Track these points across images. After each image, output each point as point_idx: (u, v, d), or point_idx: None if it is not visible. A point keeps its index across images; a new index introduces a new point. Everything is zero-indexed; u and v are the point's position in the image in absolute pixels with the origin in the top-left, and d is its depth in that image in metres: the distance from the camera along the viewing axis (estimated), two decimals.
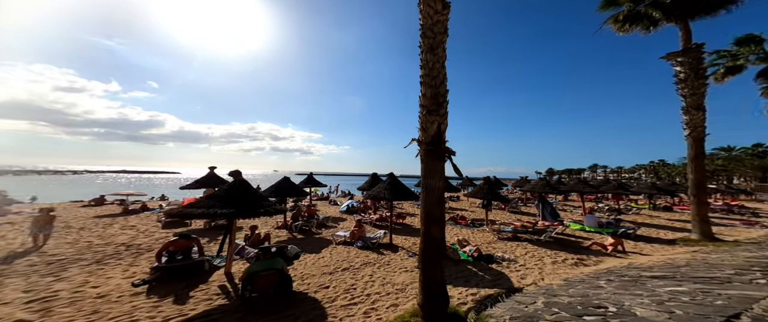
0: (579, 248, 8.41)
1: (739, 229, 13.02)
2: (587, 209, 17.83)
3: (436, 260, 3.68)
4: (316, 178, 16.04)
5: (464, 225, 11.80)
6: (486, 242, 8.82)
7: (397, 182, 8.65)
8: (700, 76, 9.18)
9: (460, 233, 10.25)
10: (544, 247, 8.35)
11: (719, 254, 6.31)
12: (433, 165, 3.73)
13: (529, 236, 9.14)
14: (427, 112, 3.74)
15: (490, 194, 11.18)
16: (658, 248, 8.93)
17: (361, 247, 7.59)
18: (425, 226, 3.75)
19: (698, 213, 9.31)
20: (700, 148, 9.34)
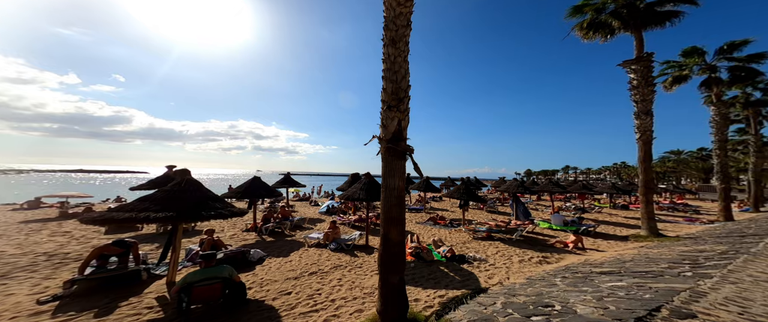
0: (544, 246, 8.85)
1: (681, 225, 14.42)
2: (555, 207, 18.93)
3: (395, 264, 3.59)
4: (300, 178, 15.67)
5: (443, 225, 11.99)
6: (461, 242, 9.00)
7: (374, 182, 8.51)
8: (649, 83, 10.03)
9: (437, 233, 10.39)
10: (514, 246, 8.68)
11: (660, 249, 6.90)
12: (393, 163, 3.61)
13: (501, 235, 9.47)
14: (387, 108, 3.62)
15: (467, 195, 11.46)
16: (612, 244, 9.62)
17: (334, 249, 7.42)
18: (384, 228, 3.64)
19: (646, 211, 10.17)
20: (648, 150, 10.20)
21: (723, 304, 2.72)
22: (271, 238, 8.79)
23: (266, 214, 9.67)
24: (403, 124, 3.63)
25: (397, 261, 3.60)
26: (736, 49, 15.10)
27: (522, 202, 14.05)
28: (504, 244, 8.88)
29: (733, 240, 7.19)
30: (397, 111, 3.60)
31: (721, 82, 15.65)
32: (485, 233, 9.74)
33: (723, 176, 15.31)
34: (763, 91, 20.04)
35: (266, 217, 9.53)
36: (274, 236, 9.09)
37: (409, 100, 3.78)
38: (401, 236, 3.64)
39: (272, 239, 8.70)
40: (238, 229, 9.88)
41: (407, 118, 3.73)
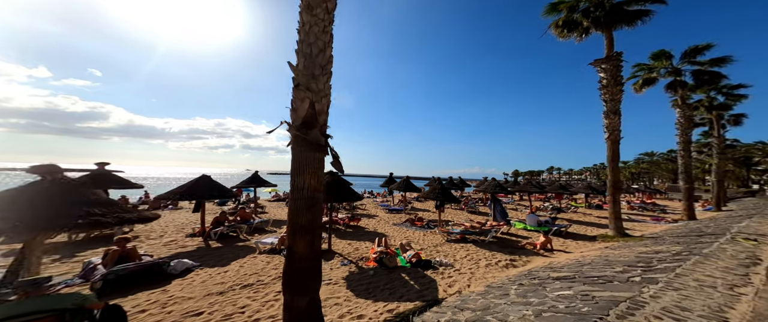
0: (515, 248, 8.70)
1: (648, 225, 14.86)
2: (533, 208, 19.14)
3: (303, 282, 3.00)
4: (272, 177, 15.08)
5: (420, 227, 11.69)
6: (433, 245, 8.68)
7: (340, 182, 8.04)
8: (618, 82, 10.13)
9: (412, 235, 10.05)
10: (485, 248, 8.47)
11: (622, 250, 6.83)
12: (303, 156, 3.00)
13: (475, 237, 9.25)
14: (296, 86, 3.02)
15: (442, 195, 11.20)
16: (581, 244, 9.62)
17: None
18: (289, 239, 3.04)
19: (613, 211, 10.27)
20: (616, 150, 10.30)
21: (659, 317, 2.47)
22: (219, 244, 8.00)
23: (219, 216, 8.85)
24: (318, 108, 3.02)
25: (307, 279, 3.04)
26: (699, 53, 15.72)
27: (500, 202, 14.01)
28: (476, 246, 8.64)
29: (690, 240, 7.24)
30: (311, 91, 2.98)
31: (685, 85, 16.26)
32: (459, 235, 9.51)
33: (686, 177, 15.91)
34: (726, 95, 21.13)
35: (218, 220, 8.70)
36: (226, 241, 8.32)
37: (328, 80, 3.19)
38: (311, 249, 3.05)
39: (220, 244, 7.93)
40: (185, 233, 8.97)
41: (325, 101, 3.13)
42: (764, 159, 40.30)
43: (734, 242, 6.22)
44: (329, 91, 3.19)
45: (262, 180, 13.64)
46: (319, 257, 3.24)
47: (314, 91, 3.05)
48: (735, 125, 25.21)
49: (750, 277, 3.78)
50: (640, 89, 17.62)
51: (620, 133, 10.23)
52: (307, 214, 3.04)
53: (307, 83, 3.05)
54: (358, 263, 6.61)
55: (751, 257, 4.99)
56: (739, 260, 4.72)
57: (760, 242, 6.22)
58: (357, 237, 9.44)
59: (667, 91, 17.00)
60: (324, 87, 3.14)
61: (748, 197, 30.14)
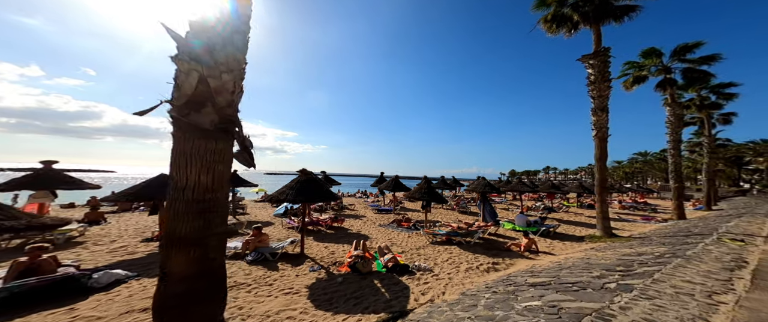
0: (501, 250, 8.40)
1: (638, 224, 14.70)
2: (524, 208, 18.93)
3: (183, 315, 2.34)
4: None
5: (406, 228, 11.35)
6: (416, 248, 8.33)
7: (314, 182, 7.61)
8: (605, 78, 9.90)
9: (397, 237, 9.69)
10: (469, 250, 8.14)
11: (606, 252, 6.56)
12: (187, 144, 2.36)
13: (460, 238, 8.94)
14: (176, 56, 2.32)
15: (428, 195, 10.86)
16: (568, 245, 9.36)
17: (251, 261, 6.35)
18: (162, 255, 2.40)
19: (601, 211, 10.04)
20: (604, 148, 10.07)
21: None
22: None
23: None
24: (216, 85, 2.33)
25: (188, 306, 2.37)
26: (689, 50, 15.61)
27: (489, 202, 13.78)
28: (460, 248, 8.31)
29: (676, 240, 7.02)
30: (196, 61, 2.28)
31: (674, 83, 16.15)
32: (445, 237, 9.20)
33: (676, 176, 15.80)
34: (717, 94, 21.13)
35: None
36: None
37: (239, 53, 2.54)
38: (200, 267, 2.41)
39: None
40: (141, 238, 8.13)
41: (231, 78, 2.44)
42: (755, 159, 40.68)
43: (720, 243, 5.99)
44: (239, 66, 2.60)
45: (242, 180, 13.17)
46: (214, 276, 2.62)
47: (209, 64, 2.41)
48: (725, 124, 25.31)
49: (733, 282, 3.51)
50: (631, 87, 17.50)
51: (608, 131, 10.01)
52: (193, 221, 2.41)
53: (194, 55, 2.39)
54: (330, 268, 6.26)
55: (737, 259, 4.75)
56: (723, 262, 4.47)
57: (747, 243, 5.99)
58: (337, 240, 9.07)
59: (657, 89, 16.89)
60: (228, 60, 2.51)
61: (739, 196, 30.33)
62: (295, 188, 7.10)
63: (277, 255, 6.66)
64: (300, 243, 7.32)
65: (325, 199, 7.36)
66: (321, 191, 7.33)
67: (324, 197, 7.41)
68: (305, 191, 7.08)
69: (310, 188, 7.21)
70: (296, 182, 7.24)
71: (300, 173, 7.59)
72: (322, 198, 7.29)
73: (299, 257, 7.00)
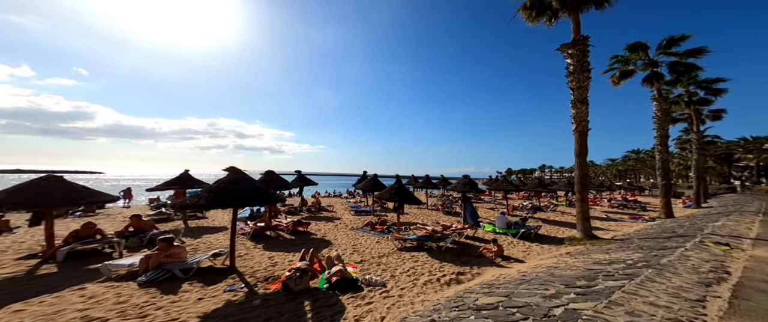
0: (472, 256, 7.67)
1: (624, 224, 14.15)
2: (510, 208, 18.32)
3: None
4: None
5: (380, 232, 10.57)
6: (379, 255, 7.51)
7: (245, 182, 6.17)
8: (585, 68, 9.28)
9: (364, 242, 8.87)
10: (437, 257, 7.37)
11: (578, 259, 5.90)
12: None
13: (431, 243, 8.19)
14: None
15: (398, 196, 10.10)
16: (545, 249, 8.70)
17: (145, 282, 5.14)
18: None
19: (581, 210, 9.41)
20: (584, 142, 9.43)
21: None
22: (56, 266, 6.05)
23: (81, 229, 6.81)
24: None
25: None
26: (675, 44, 15.14)
27: (471, 203, 13.07)
28: (428, 255, 7.52)
29: (656, 244, 6.39)
30: None
31: (661, 77, 15.66)
32: (415, 242, 8.46)
33: (664, 173, 15.29)
34: (705, 89, 20.75)
35: (79, 233, 6.65)
36: (85, 261, 6.29)
37: None
38: None
39: (57, 268, 5.94)
40: (19, 254, 6.70)
41: None
42: (744, 156, 40.71)
43: (701, 247, 5.35)
44: None
45: (194, 180, 12.17)
46: None
47: None
48: (714, 120, 24.99)
49: (707, 303, 2.83)
50: (618, 82, 17.00)
51: (588, 125, 9.39)
52: None
53: None
54: (258, 286, 5.33)
55: (717, 268, 4.09)
56: (701, 274, 3.80)
57: (733, 248, 5.37)
58: (293, 248, 8.18)
59: (644, 84, 16.38)
60: None
61: (730, 194, 30.14)
62: (216, 190, 5.70)
63: (192, 271, 5.59)
64: (230, 254, 6.14)
65: (258, 203, 6.18)
66: (254, 194, 5.98)
67: (256, 200, 6.05)
68: (229, 193, 5.65)
69: (238, 190, 5.80)
70: (219, 183, 5.94)
71: (229, 170, 6.25)
72: (254, 202, 6.10)
73: (227, 271, 5.97)
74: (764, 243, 6.01)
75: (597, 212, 18.91)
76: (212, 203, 5.42)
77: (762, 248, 5.59)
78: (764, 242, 6.05)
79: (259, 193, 6.05)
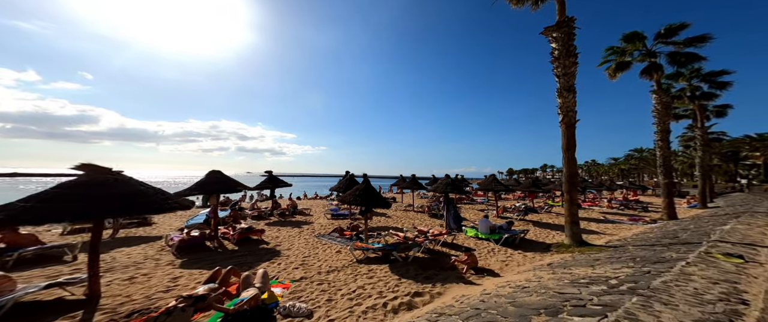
0: (441, 269, 6.53)
1: (623, 226, 12.96)
2: (500, 209, 17.17)
3: None
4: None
5: (347, 238, 9.47)
6: (330, 269, 6.32)
7: (105, 187, 4.66)
8: (570, 53, 8.24)
9: (322, 253, 7.68)
10: (399, 272, 6.23)
11: (555, 275, 4.82)
12: None
13: (397, 254, 7.07)
14: None
15: (362, 198, 9.01)
16: (528, 257, 7.61)
17: None
18: None
19: (569, 214, 8.30)
20: (572, 136, 8.35)
21: None
22: None
23: None
24: None
25: None
26: (674, 33, 14.03)
27: (454, 205, 11.98)
28: (390, 269, 6.41)
29: (653, 254, 5.30)
30: None
31: (660, 68, 14.54)
32: (379, 252, 7.35)
33: (665, 171, 14.10)
34: (709, 82, 19.55)
35: None
36: None
37: None
38: None
39: None
40: None
41: None
42: (752, 154, 39.18)
43: (707, 260, 4.26)
44: None
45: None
46: None
47: None
48: (719, 117, 23.70)
49: None
50: (614, 75, 15.89)
51: (576, 115, 8.32)
52: None
53: None
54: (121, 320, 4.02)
55: (729, 294, 3.02)
56: (706, 304, 2.73)
57: (747, 261, 4.27)
58: (229, 260, 6.81)
59: (642, 76, 15.24)
60: None
61: (737, 192, 28.71)
62: (42, 198, 4.07)
63: (2, 309, 3.93)
64: (89, 281, 4.56)
65: (120, 213, 4.86)
66: (116, 202, 4.45)
67: (118, 210, 4.54)
68: (69, 202, 4.10)
69: (105, 196, 4.37)
70: (59, 188, 4.33)
71: (80, 167, 4.64)
72: (115, 212, 4.65)
73: (83, 303, 4.44)
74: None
75: (595, 213, 17.71)
76: (66, 214, 3.96)
77: None
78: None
79: (127, 200, 4.51)
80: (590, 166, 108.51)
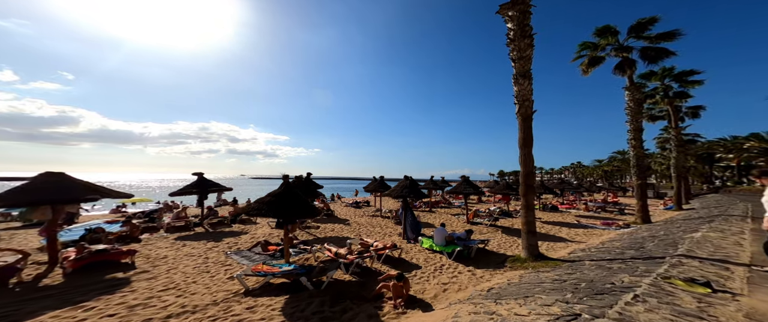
0: (360, 300, 5.07)
1: (595, 231, 12.06)
2: (470, 214, 16.06)
3: None
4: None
5: (269, 255, 7.69)
6: (183, 311, 4.60)
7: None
8: (526, 34, 7.17)
9: (198, 283, 5.74)
10: (292, 309, 4.54)
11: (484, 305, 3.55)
12: None
13: (307, 280, 5.46)
14: None
15: (277, 206, 6.42)
16: (477, 276, 6.38)
17: None
18: None
19: (526, 222, 7.15)
20: (528, 129, 7.23)
21: None
22: None
23: None
24: None
25: None
26: (645, 28, 13.42)
27: (412, 212, 10.61)
28: (286, 305, 4.74)
29: (604, 275, 4.15)
30: None
31: (633, 64, 13.88)
32: (289, 277, 5.49)
33: (639, 171, 13.35)
34: (680, 81, 19.27)
35: None
36: None
37: None
38: None
39: None
40: None
41: None
42: (726, 156, 39.94)
43: (664, 289, 3.12)
44: None
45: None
46: None
47: None
48: (693, 118, 23.63)
49: None
50: (587, 71, 15.20)
51: (532, 105, 7.24)
52: None
53: None
54: None
55: None
56: None
57: (716, 289, 3.16)
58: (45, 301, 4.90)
59: (615, 72, 14.59)
60: None
61: (712, 194, 28.80)
62: None
63: None
64: None
65: None
66: None
67: None
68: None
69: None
70: None
71: None
72: None
73: None
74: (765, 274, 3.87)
75: (570, 217, 16.89)
76: None
77: (765, 283, 3.43)
78: (764, 273, 3.91)
79: None
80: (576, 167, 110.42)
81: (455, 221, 15.00)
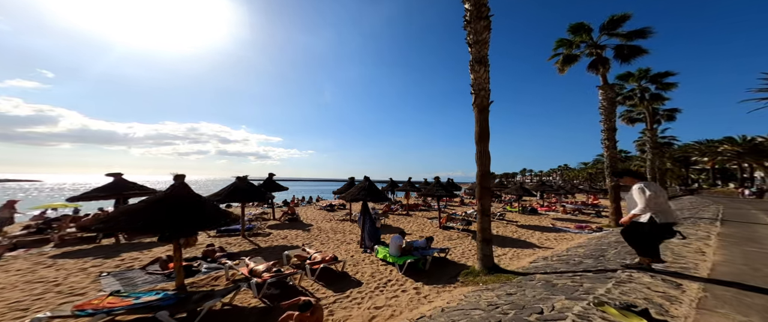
0: None
1: (567, 235, 11.54)
2: (443, 218, 15.36)
3: None
4: None
5: (166, 275, 5.72)
6: None
7: None
8: (482, 15, 6.43)
9: None
10: None
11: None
12: None
13: (167, 318, 3.80)
14: None
15: (163, 220, 4.55)
16: (421, 295, 5.49)
17: None
18: None
19: (482, 228, 6.40)
20: (484, 122, 6.48)
21: None
22: None
23: None
24: None
25: None
26: (618, 25, 13.13)
27: (371, 217, 9.61)
28: None
29: (542, 297, 3.41)
30: None
31: (606, 62, 13.56)
32: (149, 313, 3.47)
33: (612, 172, 12.99)
34: (656, 83, 19.31)
35: None
36: None
37: None
38: None
39: None
40: None
41: None
42: (701, 159, 41.02)
43: (593, 319, 2.38)
44: None
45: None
46: None
47: None
48: (669, 120, 23.90)
49: None
50: (563, 69, 14.83)
51: (489, 96, 6.55)
52: None
53: None
54: None
55: None
56: None
57: (656, 318, 2.45)
58: None
59: (590, 70, 14.25)
60: None
61: (687, 195, 29.26)
62: None
63: None
64: None
65: None
66: None
67: None
68: None
69: None
70: None
71: None
72: None
73: None
74: (722, 289, 3.22)
75: (547, 220, 16.45)
76: None
77: (719, 307, 2.76)
78: (723, 288, 3.26)
79: None
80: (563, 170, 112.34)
81: (429, 226, 14.24)
